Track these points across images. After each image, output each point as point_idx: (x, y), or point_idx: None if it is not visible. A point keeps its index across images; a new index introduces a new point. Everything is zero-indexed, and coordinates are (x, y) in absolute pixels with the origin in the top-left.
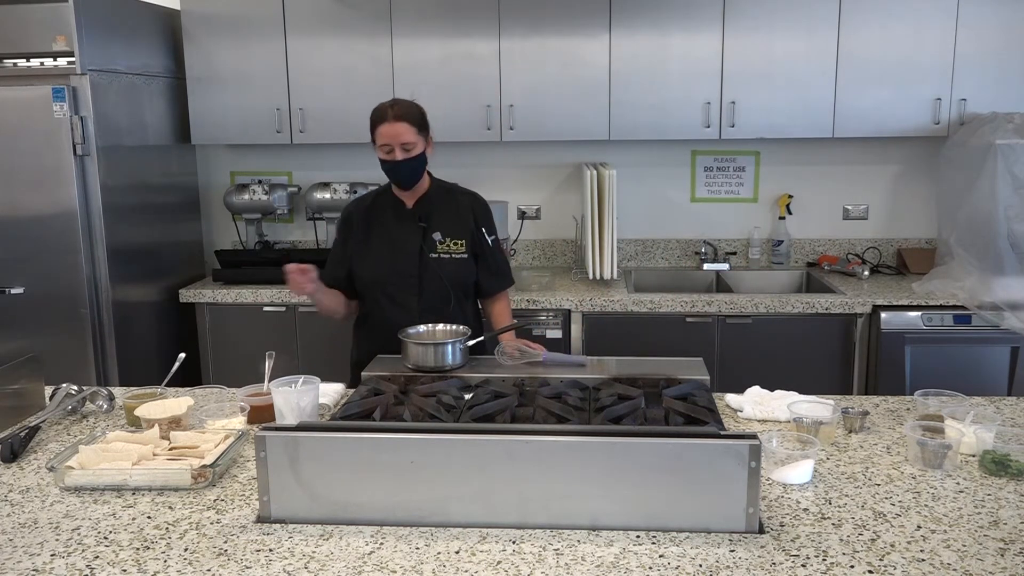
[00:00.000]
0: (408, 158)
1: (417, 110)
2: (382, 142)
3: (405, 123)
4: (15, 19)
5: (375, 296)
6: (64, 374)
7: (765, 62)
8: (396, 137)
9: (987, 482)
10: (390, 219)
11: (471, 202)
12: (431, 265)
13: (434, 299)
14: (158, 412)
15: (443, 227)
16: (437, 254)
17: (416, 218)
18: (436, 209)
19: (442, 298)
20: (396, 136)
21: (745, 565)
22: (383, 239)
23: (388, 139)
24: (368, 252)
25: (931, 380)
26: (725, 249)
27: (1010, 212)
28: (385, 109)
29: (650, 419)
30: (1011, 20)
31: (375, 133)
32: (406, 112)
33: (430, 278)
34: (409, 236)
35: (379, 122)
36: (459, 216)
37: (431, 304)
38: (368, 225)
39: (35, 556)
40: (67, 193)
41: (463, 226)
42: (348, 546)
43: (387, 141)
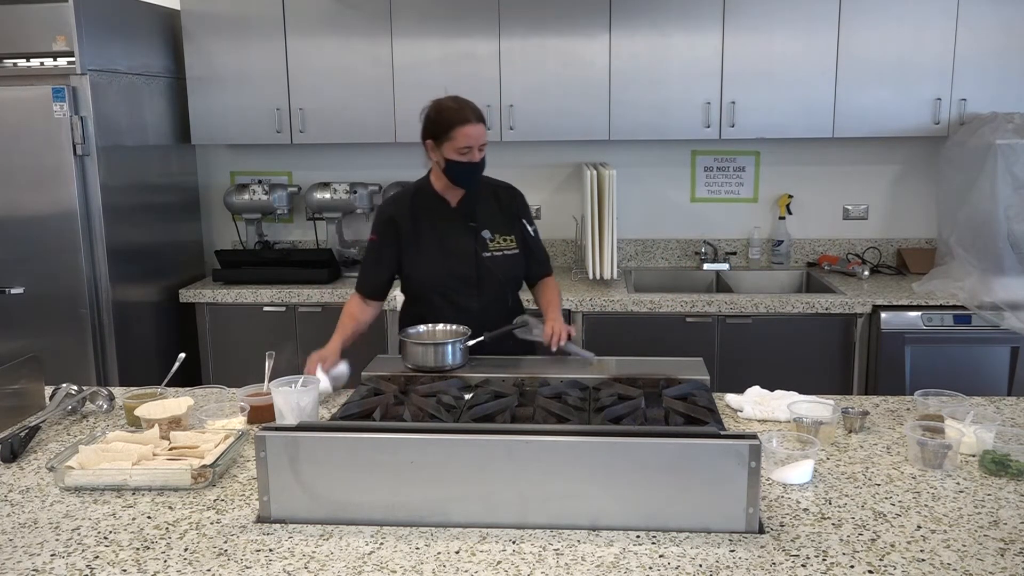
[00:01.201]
0: (482, 159)
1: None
2: (463, 143)
3: (483, 125)
4: (15, 19)
5: (430, 298)
6: (64, 374)
7: (765, 62)
8: (479, 139)
9: (987, 482)
10: (437, 220)
11: (512, 196)
12: (486, 264)
13: (492, 296)
14: (158, 412)
15: (491, 224)
16: (490, 252)
17: (463, 217)
18: (481, 206)
19: (499, 294)
20: (479, 137)
21: (745, 565)
22: (435, 241)
23: (471, 140)
24: (421, 255)
25: (931, 380)
26: (725, 249)
27: (1010, 212)
28: (464, 111)
29: (650, 419)
30: (1011, 20)
31: (452, 133)
32: (480, 113)
33: (487, 277)
34: (461, 237)
35: (459, 123)
36: (503, 211)
37: (489, 302)
38: (417, 227)
39: (35, 556)
40: (67, 193)
41: (509, 221)
42: (348, 546)
43: (469, 143)
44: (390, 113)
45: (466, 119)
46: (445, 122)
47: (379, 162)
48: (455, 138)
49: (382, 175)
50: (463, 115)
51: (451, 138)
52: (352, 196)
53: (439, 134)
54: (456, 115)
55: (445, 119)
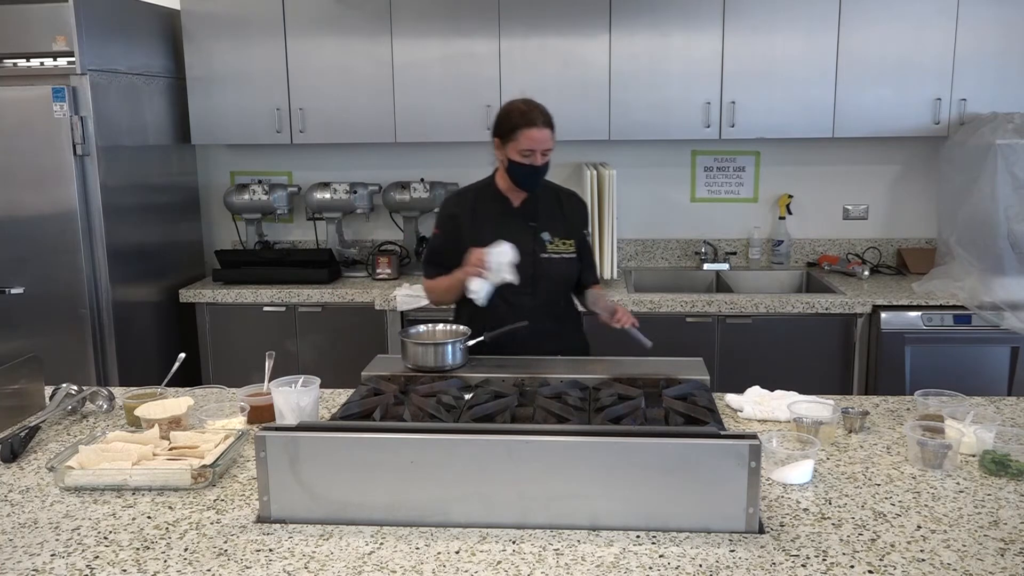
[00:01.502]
0: (545, 163)
1: (552, 116)
2: (526, 146)
3: (550, 130)
4: (15, 19)
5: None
6: (64, 374)
7: (765, 62)
8: (543, 143)
9: (987, 482)
10: (498, 218)
11: (575, 203)
12: (543, 265)
13: (546, 298)
14: (158, 412)
15: (551, 227)
16: (548, 254)
17: (525, 218)
18: (543, 209)
19: (553, 297)
20: (543, 142)
21: (745, 565)
22: (494, 239)
23: (535, 144)
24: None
25: (931, 380)
26: (725, 249)
27: (1010, 212)
28: (532, 114)
29: (650, 419)
30: (1011, 20)
31: (517, 135)
32: (548, 118)
33: (543, 278)
34: (521, 237)
35: (525, 125)
36: (565, 216)
37: (543, 303)
38: (477, 225)
39: (35, 556)
40: (67, 193)
41: (571, 227)
42: (348, 546)
43: (532, 146)
44: (390, 113)
45: (532, 122)
46: (511, 123)
47: (379, 162)
48: (519, 140)
49: (382, 175)
50: (530, 118)
51: (515, 139)
52: (352, 196)
53: (505, 134)
54: (523, 117)
55: (512, 120)
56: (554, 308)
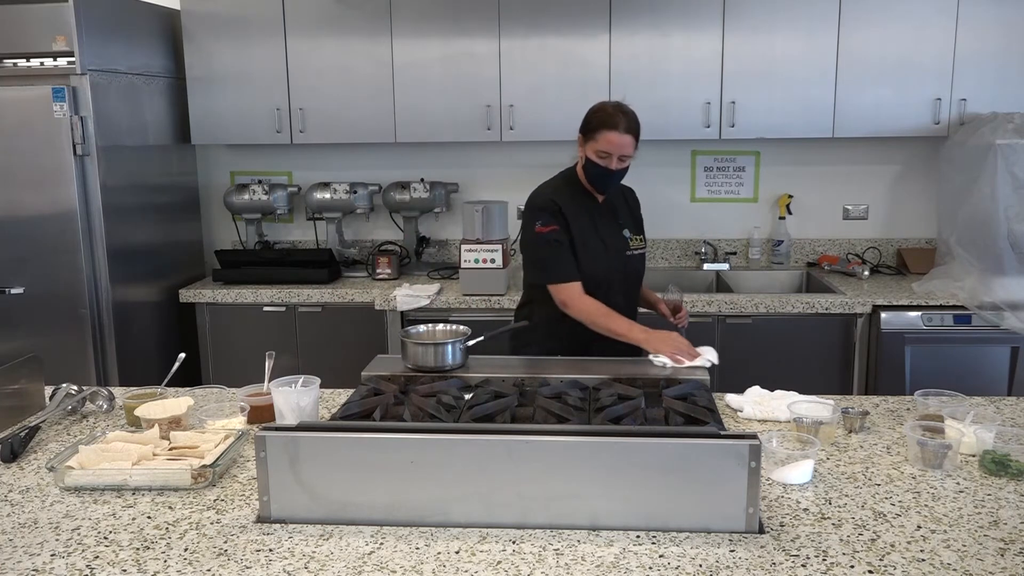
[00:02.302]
0: (620, 168)
1: (639, 125)
2: (604, 147)
3: (632, 137)
4: (15, 19)
5: (591, 291)
6: (64, 374)
7: (765, 62)
8: (621, 148)
9: (987, 482)
10: (594, 215)
11: (636, 199)
12: (629, 262)
13: (632, 294)
14: (158, 412)
15: (628, 225)
16: (632, 251)
17: (611, 214)
18: (619, 206)
19: (633, 292)
20: (621, 148)
21: (745, 565)
22: (595, 236)
23: (612, 148)
24: (588, 248)
25: (931, 380)
26: (725, 249)
27: (1010, 212)
28: (616, 117)
29: (650, 419)
30: (1011, 20)
31: (597, 135)
32: (634, 127)
33: (629, 273)
34: (613, 234)
35: (608, 128)
36: (633, 212)
37: (630, 299)
38: (579, 220)
39: (35, 556)
40: (67, 193)
41: (638, 223)
42: (348, 546)
43: (610, 149)
44: (390, 113)
45: (614, 126)
46: (596, 122)
47: (379, 162)
48: (598, 140)
49: (382, 175)
50: (613, 121)
51: (595, 139)
52: (352, 196)
53: (588, 131)
54: (607, 119)
55: (597, 119)
56: (632, 304)
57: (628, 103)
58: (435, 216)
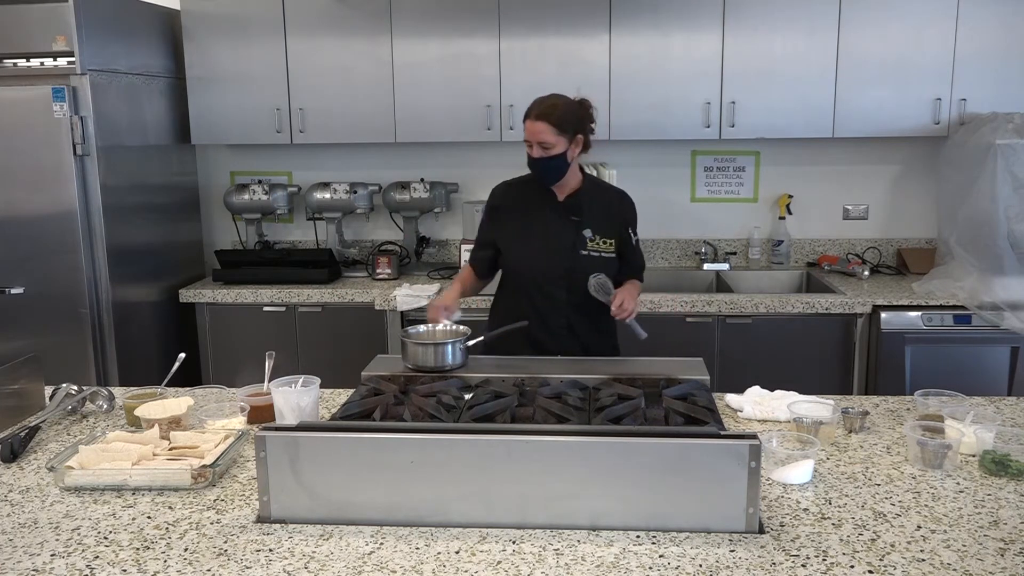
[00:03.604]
0: (543, 156)
1: (565, 111)
2: (525, 136)
3: (544, 123)
4: (15, 19)
5: (524, 285)
6: (64, 374)
7: (765, 62)
8: (534, 135)
9: (987, 482)
10: (543, 210)
11: (623, 202)
12: (581, 261)
13: (581, 294)
14: (158, 412)
15: (594, 224)
16: (588, 251)
17: (568, 212)
18: (587, 206)
19: (588, 294)
20: (534, 134)
21: (745, 565)
22: (536, 231)
23: (528, 136)
24: (521, 243)
25: (931, 380)
26: (725, 249)
27: (1010, 212)
28: (532, 106)
29: (650, 419)
30: (1011, 20)
31: (524, 125)
32: (548, 111)
33: (579, 274)
34: (562, 231)
35: (525, 117)
36: (609, 215)
37: (577, 298)
38: (520, 214)
39: (35, 556)
40: (67, 193)
41: (613, 225)
42: (348, 546)
43: (527, 137)
44: (390, 113)
45: (528, 114)
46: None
47: (379, 162)
48: (524, 130)
49: (382, 175)
50: (529, 109)
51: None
52: (352, 196)
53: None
54: (528, 109)
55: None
56: (586, 305)
57: (628, 103)
58: (435, 216)
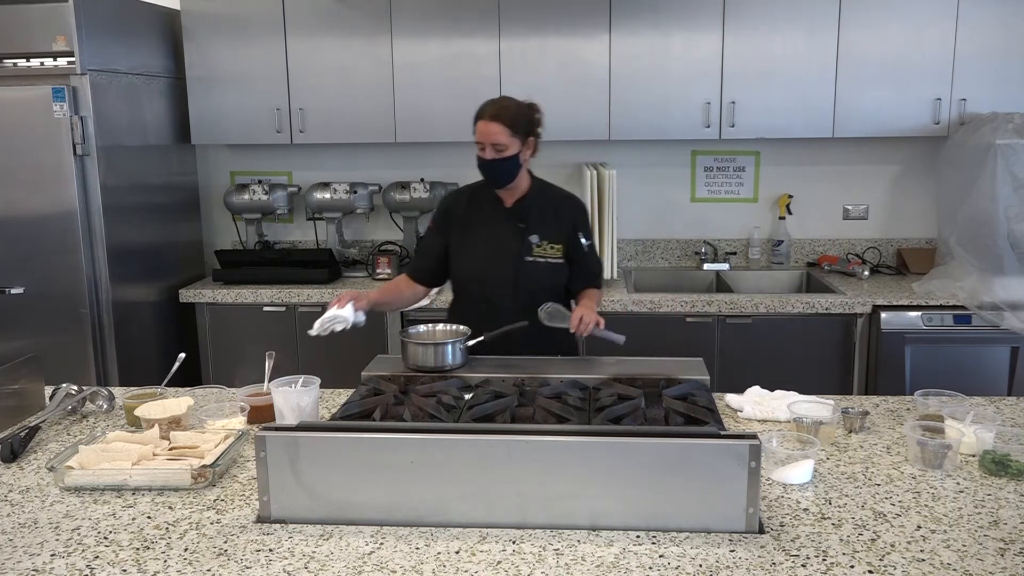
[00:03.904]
0: (496, 158)
1: (516, 112)
2: (477, 138)
3: (499, 124)
4: (15, 19)
5: (470, 292)
6: (64, 374)
7: (765, 62)
8: (488, 136)
9: (987, 482)
10: (489, 217)
11: (571, 206)
12: (527, 268)
13: (528, 301)
14: (158, 412)
15: (541, 230)
16: (534, 257)
17: (515, 219)
18: (535, 211)
19: (535, 300)
20: (488, 135)
21: (745, 565)
22: (482, 238)
23: (480, 137)
24: (467, 249)
25: (931, 380)
26: (725, 249)
27: (1010, 212)
28: (485, 107)
29: (650, 419)
30: (1011, 20)
31: (474, 127)
32: (501, 113)
33: (525, 280)
34: (508, 237)
35: (477, 118)
36: (558, 220)
37: (524, 305)
38: (467, 221)
39: (35, 556)
40: (67, 193)
41: (561, 230)
42: (348, 546)
43: (480, 139)
44: (390, 113)
45: (480, 114)
46: (475, 116)
47: (379, 162)
48: (474, 132)
49: (382, 175)
50: (481, 110)
51: (474, 132)
52: (352, 196)
53: (473, 127)
54: (479, 110)
55: (476, 113)
56: (534, 311)
57: (628, 103)
58: None
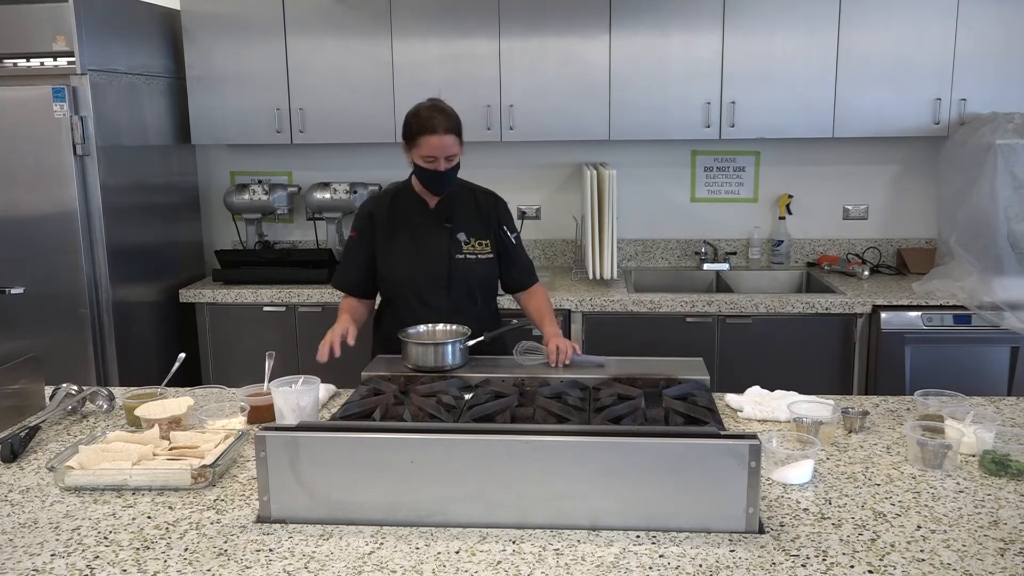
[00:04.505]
0: (450, 168)
1: (458, 119)
2: (427, 152)
3: (453, 136)
4: (15, 19)
5: (403, 295)
6: (64, 374)
7: (765, 62)
8: (443, 150)
9: (987, 482)
10: (414, 219)
11: (492, 202)
12: (459, 266)
13: (462, 299)
14: (158, 412)
15: (467, 228)
16: (463, 255)
17: (440, 219)
18: (459, 209)
19: (470, 298)
20: (443, 149)
21: (745, 565)
22: (409, 240)
23: (434, 151)
24: (395, 253)
25: (931, 380)
26: (725, 249)
27: (1010, 212)
28: (433, 119)
29: (650, 419)
30: (1011, 20)
31: (418, 140)
32: (454, 124)
33: (458, 279)
34: (435, 237)
35: (425, 132)
36: (481, 216)
37: (459, 304)
38: (392, 226)
39: (35, 556)
40: (67, 193)
41: (486, 226)
42: (348, 546)
43: (433, 152)
44: (390, 113)
45: (432, 129)
46: (415, 128)
47: (379, 162)
48: (421, 146)
49: (382, 175)
50: (431, 124)
51: (418, 145)
52: (352, 196)
53: (409, 138)
54: (425, 124)
55: (415, 125)
56: (471, 309)
57: (628, 103)
58: None
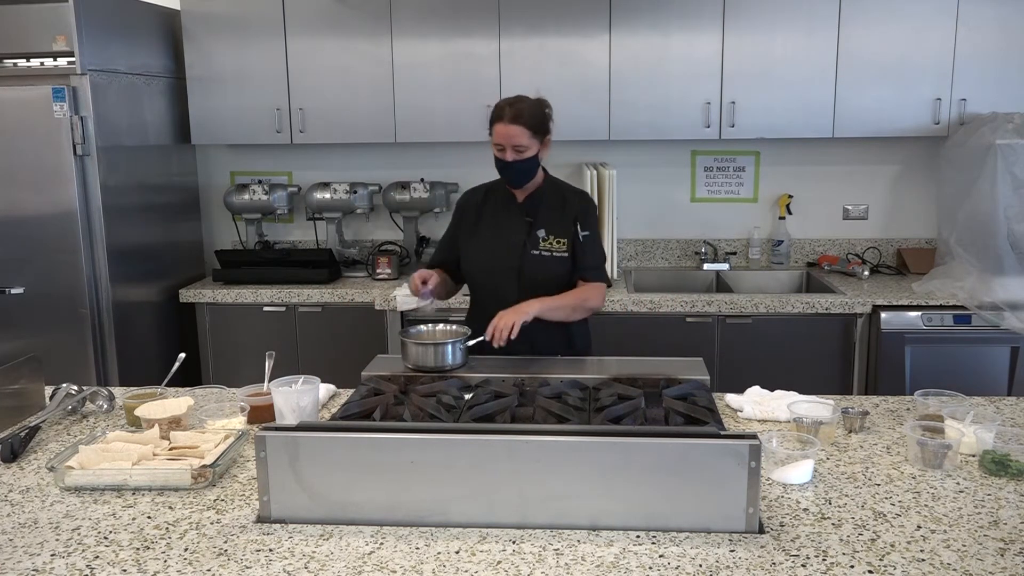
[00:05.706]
0: (517, 160)
1: (534, 112)
2: (496, 140)
3: (519, 126)
4: (15, 19)
5: (480, 284)
6: (64, 374)
7: (765, 62)
8: (509, 139)
9: (987, 482)
10: (500, 211)
11: (577, 201)
12: (531, 261)
13: (532, 294)
14: (158, 412)
15: (548, 225)
16: (539, 251)
17: (524, 213)
18: (544, 206)
19: (539, 292)
20: (509, 138)
21: (745, 565)
22: (490, 230)
23: (501, 139)
24: (475, 241)
25: (931, 380)
26: (725, 249)
27: (1010, 212)
28: (503, 109)
29: (650, 419)
30: (1011, 20)
31: (492, 129)
32: (521, 114)
33: (529, 273)
34: (515, 230)
35: (495, 120)
36: (564, 215)
37: (529, 297)
38: (479, 215)
39: (35, 556)
40: (67, 193)
41: (567, 226)
42: (348, 546)
43: (500, 141)
44: (390, 113)
45: (499, 117)
46: (491, 117)
47: (379, 162)
48: (492, 134)
49: (382, 175)
50: (499, 112)
51: (492, 133)
52: (352, 196)
53: (490, 129)
54: (496, 112)
55: (492, 115)
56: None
57: (628, 103)
58: (435, 216)
